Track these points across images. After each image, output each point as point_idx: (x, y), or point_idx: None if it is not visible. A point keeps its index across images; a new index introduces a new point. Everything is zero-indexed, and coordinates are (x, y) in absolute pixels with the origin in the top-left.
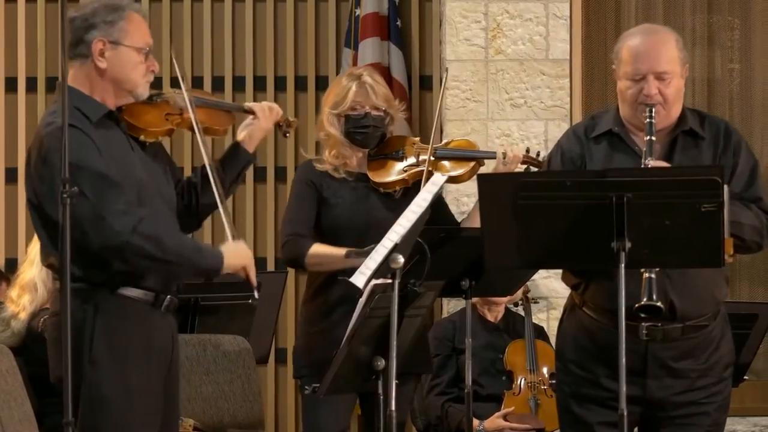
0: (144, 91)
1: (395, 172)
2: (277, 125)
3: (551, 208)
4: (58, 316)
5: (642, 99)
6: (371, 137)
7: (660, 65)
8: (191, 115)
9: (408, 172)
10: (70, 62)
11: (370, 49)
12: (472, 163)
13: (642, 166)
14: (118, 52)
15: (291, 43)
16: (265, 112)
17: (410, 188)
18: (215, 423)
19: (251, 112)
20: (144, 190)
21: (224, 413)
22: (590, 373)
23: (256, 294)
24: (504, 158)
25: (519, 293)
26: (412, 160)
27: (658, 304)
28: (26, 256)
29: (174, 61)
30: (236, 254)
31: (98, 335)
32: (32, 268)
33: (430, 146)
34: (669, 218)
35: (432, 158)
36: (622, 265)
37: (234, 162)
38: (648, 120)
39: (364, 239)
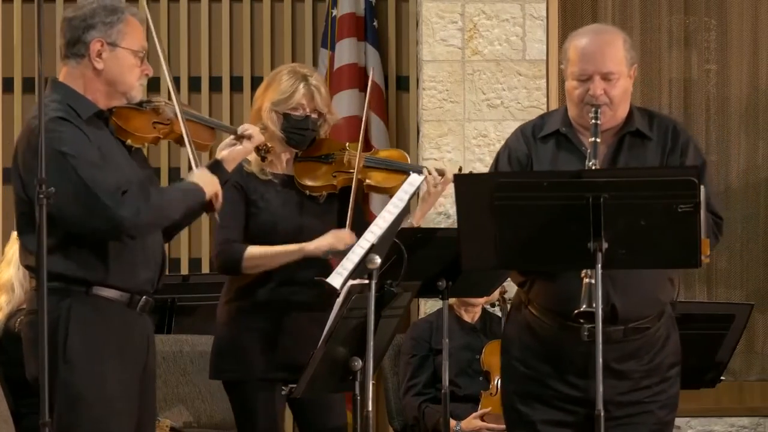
0: (137, 94)
1: (323, 176)
2: (257, 148)
3: (528, 209)
4: (32, 314)
5: (588, 99)
6: (307, 139)
7: (606, 66)
8: (182, 127)
9: (337, 178)
10: (65, 61)
11: (346, 49)
12: (403, 177)
13: (586, 167)
14: (115, 54)
15: (267, 43)
16: (213, 181)
17: (336, 194)
18: (192, 423)
19: (242, 137)
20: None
21: (201, 413)
22: (534, 371)
23: (216, 216)
24: (433, 176)
25: (496, 294)
26: (342, 166)
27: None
28: (3, 257)
29: (168, 72)
30: (209, 182)
31: (73, 334)
32: (9, 269)
33: (358, 153)
34: (645, 219)
35: (362, 166)
36: (599, 265)
37: None
38: (593, 122)
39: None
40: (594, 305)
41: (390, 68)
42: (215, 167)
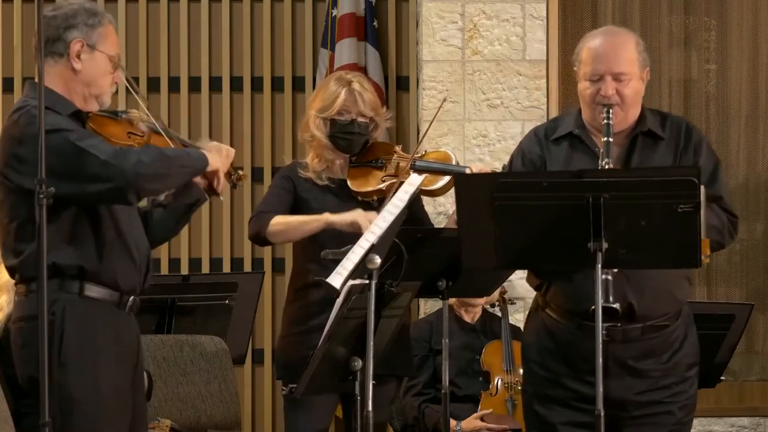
0: (108, 100)
1: (374, 181)
2: (228, 175)
3: (528, 209)
4: (22, 321)
5: (599, 99)
6: (355, 144)
7: (618, 66)
8: (162, 132)
9: (386, 183)
10: (44, 59)
11: (346, 49)
12: (449, 178)
13: (599, 167)
14: (93, 56)
15: (267, 43)
16: (221, 153)
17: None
18: (192, 423)
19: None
20: None
21: (201, 414)
22: (552, 374)
23: (221, 198)
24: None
25: (496, 294)
26: (391, 170)
27: (614, 306)
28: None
29: (134, 90)
30: (218, 151)
31: (67, 337)
32: None
33: (411, 156)
34: (645, 219)
35: (411, 170)
36: (599, 265)
37: (186, 196)
38: (605, 121)
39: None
40: (611, 301)
41: (390, 68)
42: (186, 185)
